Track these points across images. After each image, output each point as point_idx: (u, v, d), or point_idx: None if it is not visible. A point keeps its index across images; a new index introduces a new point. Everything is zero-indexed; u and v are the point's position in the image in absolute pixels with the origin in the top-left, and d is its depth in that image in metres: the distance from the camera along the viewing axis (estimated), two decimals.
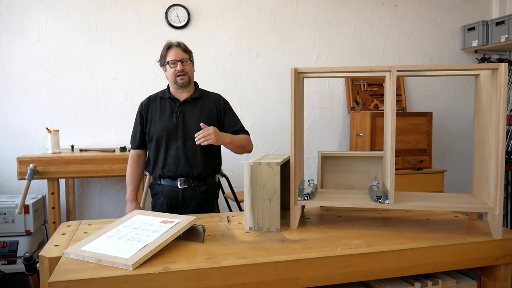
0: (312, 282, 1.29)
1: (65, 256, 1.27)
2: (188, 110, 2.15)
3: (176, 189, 2.12)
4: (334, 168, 1.96)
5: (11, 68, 3.22)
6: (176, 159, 2.10)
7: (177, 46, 2.13)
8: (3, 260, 2.74)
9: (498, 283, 1.49)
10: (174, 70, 2.11)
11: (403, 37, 4.02)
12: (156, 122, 2.16)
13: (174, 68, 2.11)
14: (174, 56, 2.11)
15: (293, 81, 1.57)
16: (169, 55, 2.13)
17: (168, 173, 2.12)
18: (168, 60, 2.12)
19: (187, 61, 2.14)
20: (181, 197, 2.12)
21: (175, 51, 2.12)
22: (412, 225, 1.66)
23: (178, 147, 2.11)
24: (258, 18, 3.67)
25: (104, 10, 3.35)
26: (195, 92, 2.19)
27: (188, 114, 2.14)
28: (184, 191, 2.11)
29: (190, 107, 2.15)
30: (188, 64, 2.15)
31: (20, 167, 2.73)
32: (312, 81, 3.74)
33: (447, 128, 4.18)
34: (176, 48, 2.13)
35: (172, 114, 2.14)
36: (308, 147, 3.82)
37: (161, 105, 2.19)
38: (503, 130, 1.45)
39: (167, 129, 2.12)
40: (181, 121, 2.12)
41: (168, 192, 2.13)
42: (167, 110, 2.16)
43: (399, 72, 1.60)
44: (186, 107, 2.16)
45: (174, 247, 1.35)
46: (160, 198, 2.16)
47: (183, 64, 2.12)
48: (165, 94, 2.20)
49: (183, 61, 2.12)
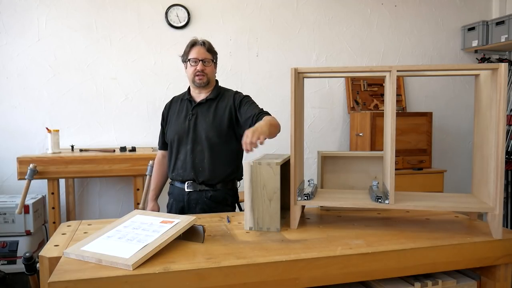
0: (312, 282, 1.29)
1: (65, 256, 1.27)
2: (201, 113, 2.08)
3: (183, 192, 2.08)
4: (334, 168, 1.96)
5: (11, 68, 3.22)
6: (183, 164, 2.06)
7: (202, 44, 2.06)
8: (3, 260, 2.74)
9: (498, 283, 1.49)
10: (194, 69, 2.05)
11: (403, 37, 4.02)
12: (171, 125, 2.13)
13: (195, 67, 2.04)
14: (197, 54, 2.04)
15: (293, 81, 1.57)
16: (192, 52, 2.05)
17: (176, 177, 2.09)
18: (190, 58, 2.05)
19: (210, 61, 2.07)
20: (187, 200, 2.07)
21: (199, 49, 2.05)
22: (412, 225, 1.66)
23: (186, 152, 2.06)
24: (258, 18, 3.67)
25: (104, 10, 3.35)
26: (211, 93, 2.11)
27: (200, 117, 2.07)
28: (190, 195, 2.06)
29: (204, 110, 2.09)
30: (210, 65, 2.08)
31: (20, 167, 2.73)
32: (312, 81, 3.74)
33: (447, 128, 4.18)
34: (200, 46, 2.05)
35: (186, 116, 2.09)
36: (308, 147, 3.81)
37: (179, 106, 2.15)
38: (503, 130, 1.45)
39: (179, 132, 2.08)
40: (192, 125, 2.06)
41: (176, 195, 2.11)
42: (183, 112, 2.12)
43: (399, 72, 1.60)
44: (200, 109, 2.09)
45: (174, 247, 1.35)
46: (171, 199, 2.16)
47: (204, 64, 2.05)
48: (185, 96, 2.15)
49: (205, 61, 2.05)
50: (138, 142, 3.41)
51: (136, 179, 2.97)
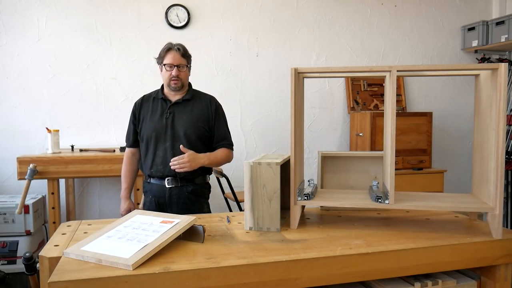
0: (312, 282, 1.29)
1: (65, 256, 1.27)
2: (178, 111, 2.15)
3: (164, 188, 2.12)
4: (334, 168, 1.96)
5: (11, 68, 3.22)
6: (163, 160, 2.10)
7: (177, 50, 2.11)
8: (3, 260, 2.74)
9: (498, 283, 1.49)
10: (169, 74, 2.11)
11: (403, 37, 4.02)
12: (146, 123, 2.16)
13: (170, 72, 2.11)
14: (172, 60, 2.10)
15: (293, 81, 1.57)
16: (167, 57, 2.11)
17: (156, 173, 2.13)
18: (165, 63, 2.12)
19: (184, 67, 2.13)
20: (168, 196, 2.12)
21: (174, 55, 2.10)
22: (412, 225, 1.66)
23: (166, 148, 2.11)
24: (258, 18, 3.67)
25: (104, 10, 3.35)
26: (187, 94, 2.19)
27: (177, 115, 2.14)
28: (171, 190, 2.12)
29: (180, 109, 2.15)
30: (184, 70, 2.14)
31: (20, 167, 2.73)
32: (312, 81, 3.74)
33: (447, 128, 4.18)
34: (175, 52, 2.11)
35: (162, 115, 2.15)
36: (308, 147, 3.81)
37: (153, 105, 2.19)
38: (503, 130, 1.45)
39: (156, 130, 2.12)
40: (170, 122, 2.12)
41: (156, 191, 2.14)
42: (158, 110, 2.17)
43: (399, 72, 1.60)
44: (176, 108, 2.16)
45: (174, 247, 1.35)
46: (149, 196, 2.18)
47: (179, 69, 2.11)
48: (158, 95, 2.20)
49: (179, 66, 2.11)
50: None
51: (136, 179, 2.96)
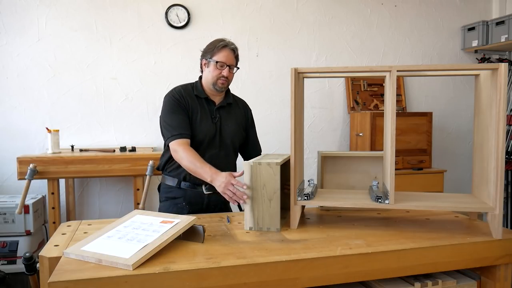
0: (312, 282, 1.29)
1: (65, 256, 1.27)
2: (224, 116, 2.02)
3: (201, 195, 1.99)
4: (334, 168, 1.96)
5: (11, 68, 3.22)
6: None
7: (232, 50, 1.96)
8: (3, 260, 2.74)
9: (498, 283, 1.49)
10: (219, 73, 1.93)
11: (403, 37, 4.02)
12: (198, 123, 1.96)
13: (221, 70, 1.93)
14: (226, 59, 1.93)
15: (293, 81, 1.57)
16: (220, 54, 1.92)
17: (195, 179, 1.92)
18: (218, 61, 1.92)
19: (234, 68, 1.98)
20: (206, 202, 2.00)
21: (229, 54, 1.94)
22: (412, 225, 1.66)
23: (213, 155, 1.96)
24: (258, 18, 3.67)
25: (104, 10, 3.35)
26: (227, 97, 2.05)
27: (224, 121, 2.01)
28: (210, 197, 1.99)
29: (225, 114, 2.03)
30: (234, 72, 1.99)
31: (20, 167, 2.73)
32: (312, 81, 3.74)
33: (447, 128, 4.18)
34: (230, 51, 1.94)
35: (210, 118, 1.99)
36: (308, 147, 3.81)
37: (199, 104, 1.99)
38: (503, 130, 1.45)
39: (209, 134, 1.97)
40: (219, 128, 1.99)
41: (191, 197, 1.99)
42: (206, 112, 1.99)
43: (399, 72, 1.60)
44: (222, 112, 2.02)
45: (174, 247, 1.35)
46: (181, 202, 2.00)
47: (230, 70, 1.95)
48: (200, 93, 2.00)
49: (231, 67, 1.96)
50: (138, 142, 3.41)
51: (136, 179, 2.97)
